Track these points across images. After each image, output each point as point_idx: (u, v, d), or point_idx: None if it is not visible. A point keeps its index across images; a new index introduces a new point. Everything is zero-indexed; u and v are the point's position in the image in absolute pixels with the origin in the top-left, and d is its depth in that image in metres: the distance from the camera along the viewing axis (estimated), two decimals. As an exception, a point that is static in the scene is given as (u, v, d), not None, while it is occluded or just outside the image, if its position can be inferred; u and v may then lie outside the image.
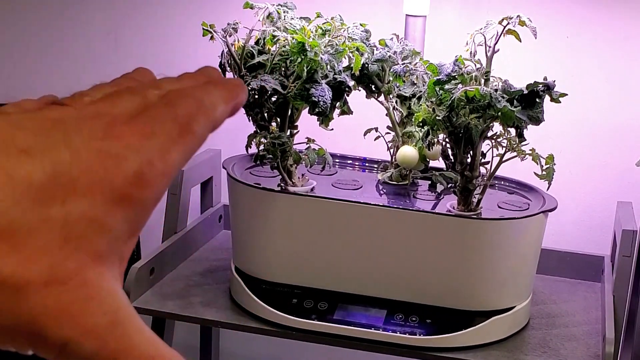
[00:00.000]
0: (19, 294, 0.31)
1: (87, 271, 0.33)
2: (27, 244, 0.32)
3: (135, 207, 0.34)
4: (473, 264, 1.09)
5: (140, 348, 0.33)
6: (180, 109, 0.36)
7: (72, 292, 0.32)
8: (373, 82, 1.20)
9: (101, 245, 0.33)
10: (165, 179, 0.35)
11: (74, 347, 0.32)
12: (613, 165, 1.41)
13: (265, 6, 1.14)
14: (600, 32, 1.37)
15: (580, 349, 1.11)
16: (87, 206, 0.33)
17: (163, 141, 0.35)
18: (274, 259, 1.15)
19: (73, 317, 0.32)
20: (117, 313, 0.33)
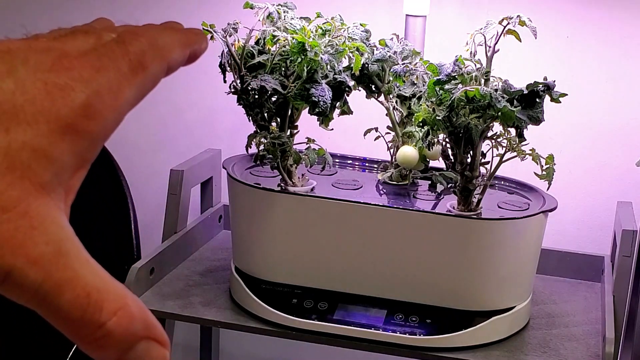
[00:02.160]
0: None
1: (30, 200, 0.32)
2: None
3: (82, 139, 0.34)
4: (473, 264, 1.09)
5: (86, 279, 0.33)
6: (133, 47, 0.35)
7: (15, 220, 0.32)
8: (373, 82, 1.20)
9: (45, 176, 0.33)
10: (115, 114, 0.35)
11: (17, 276, 0.32)
12: (613, 165, 1.41)
13: (265, 6, 1.14)
14: (600, 32, 1.37)
15: (580, 349, 1.11)
16: (31, 135, 0.32)
17: (113, 76, 0.34)
18: (274, 259, 1.15)
19: (16, 245, 0.32)
20: (61, 243, 0.33)
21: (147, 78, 0.36)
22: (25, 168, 0.32)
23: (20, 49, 0.34)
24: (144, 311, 0.34)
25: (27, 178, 0.32)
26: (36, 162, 0.33)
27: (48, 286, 0.32)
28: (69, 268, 0.32)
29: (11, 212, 0.32)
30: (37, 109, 0.33)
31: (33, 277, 0.32)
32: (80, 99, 0.33)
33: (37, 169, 0.33)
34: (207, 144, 1.45)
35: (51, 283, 0.32)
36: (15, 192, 0.32)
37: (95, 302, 0.32)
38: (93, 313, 0.32)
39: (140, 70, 0.35)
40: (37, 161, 0.33)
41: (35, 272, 0.32)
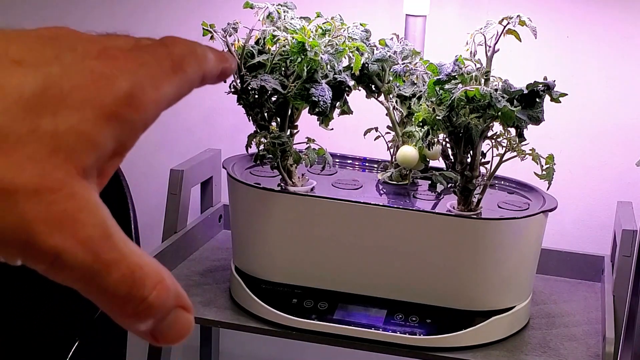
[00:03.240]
0: (9, 199, 0.32)
1: (74, 183, 0.33)
2: (15, 151, 0.32)
3: (124, 127, 0.35)
4: (473, 264, 1.09)
5: (129, 258, 0.34)
6: (174, 49, 0.37)
7: (63, 202, 0.33)
8: (373, 82, 1.20)
9: (88, 160, 0.34)
10: (155, 108, 0.36)
11: (67, 258, 0.32)
12: (613, 165, 1.41)
13: (265, 6, 1.14)
14: (600, 32, 1.37)
15: (580, 349, 1.11)
16: (77, 120, 0.33)
17: (155, 71, 0.36)
18: (274, 259, 1.15)
19: (66, 227, 0.32)
20: (106, 225, 0.34)
21: (185, 80, 0.37)
22: (70, 151, 0.33)
23: (67, 36, 0.35)
24: (175, 282, 0.35)
25: (71, 161, 0.33)
26: (80, 146, 0.33)
27: (97, 267, 0.33)
28: (115, 249, 0.33)
29: (58, 193, 0.33)
30: (83, 95, 0.34)
31: (82, 259, 0.33)
32: (124, 88, 0.34)
33: (80, 153, 0.33)
34: (207, 144, 1.45)
35: (100, 264, 0.33)
36: (60, 174, 0.33)
37: (139, 278, 0.34)
38: (137, 289, 0.34)
39: (180, 71, 0.37)
40: (81, 145, 0.33)
41: (84, 254, 0.33)
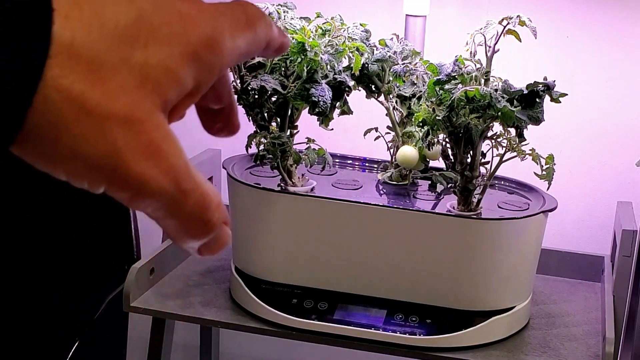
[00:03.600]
0: (103, 125, 0.33)
1: (159, 114, 0.35)
2: (109, 79, 0.33)
3: (202, 68, 0.37)
4: (473, 264, 1.09)
5: (201, 186, 0.36)
6: (248, 9, 0.40)
7: (150, 132, 0.34)
8: (373, 82, 1.20)
9: (171, 94, 0.36)
10: (229, 55, 0.38)
11: (151, 186, 0.34)
12: (613, 165, 1.41)
13: (265, 6, 1.14)
14: (600, 32, 1.37)
15: (580, 349, 1.11)
16: (164, 54, 0.35)
17: (233, 23, 0.38)
18: (274, 259, 1.15)
19: (152, 156, 0.34)
20: (184, 156, 0.36)
21: (255, 39, 0.40)
22: (157, 84, 0.35)
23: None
24: (222, 201, 0.38)
25: (157, 93, 0.35)
26: (166, 79, 0.35)
27: (177, 195, 0.35)
28: (191, 177, 0.36)
29: (145, 123, 0.34)
30: (171, 32, 0.35)
31: (165, 187, 0.35)
32: (207, 31, 0.37)
33: (165, 87, 0.35)
34: (207, 144, 1.45)
35: (180, 192, 0.35)
36: (148, 104, 0.34)
37: (208, 203, 0.37)
38: (205, 213, 0.37)
39: (252, 28, 0.40)
40: (166, 79, 0.35)
41: (167, 182, 0.35)
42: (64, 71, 0.32)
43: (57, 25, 0.32)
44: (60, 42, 0.32)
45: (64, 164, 0.34)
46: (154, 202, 0.35)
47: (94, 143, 0.33)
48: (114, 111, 0.33)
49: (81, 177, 0.34)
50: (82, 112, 0.33)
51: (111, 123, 0.33)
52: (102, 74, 0.33)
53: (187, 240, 0.38)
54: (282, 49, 0.43)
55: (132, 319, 1.38)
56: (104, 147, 0.33)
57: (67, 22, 0.33)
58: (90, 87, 0.33)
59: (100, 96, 0.33)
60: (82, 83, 0.33)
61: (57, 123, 0.33)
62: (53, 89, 0.32)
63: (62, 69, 0.32)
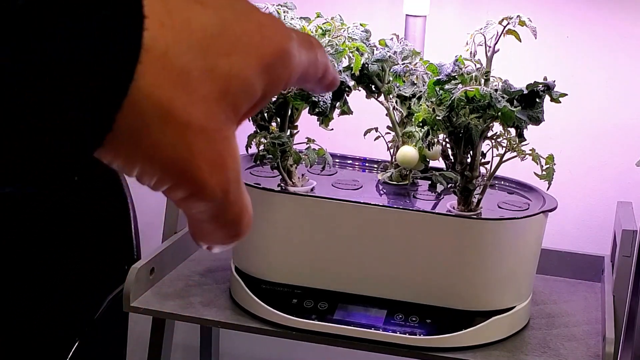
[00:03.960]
0: (182, 132, 0.34)
1: (230, 127, 0.36)
2: (195, 89, 0.34)
3: (273, 80, 0.37)
4: (473, 264, 1.09)
5: (242, 200, 0.38)
6: (311, 36, 0.42)
7: (219, 143, 0.35)
8: (373, 82, 1.20)
9: (244, 107, 0.36)
10: (296, 71, 0.39)
11: (207, 193, 0.36)
12: (613, 165, 1.41)
13: (265, 6, 1.14)
14: (600, 32, 1.37)
15: (580, 349, 1.11)
16: (244, 65, 0.36)
17: (300, 40, 0.39)
18: (274, 259, 1.15)
19: (217, 166, 0.35)
20: (240, 170, 0.38)
21: (315, 62, 0.41)
22: (234, 95, 0.36)
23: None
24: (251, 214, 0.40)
25: (233, 106, 0.36)
26: (242, 91, 0.36)
27: (224, 204, 0.37)
28: (239, 192, 0.38)
29: (217, 134, 0.35)
30: (250, 42, 0.36)
31: (217, 196, 0.36)
32: (282, 43, 0.38)
33: (241, 99, 0.36)
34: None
35: (226, 202, 0.37)
36: (223, 116, 0.35)
37: (242, 217, 0.38)
38: (239, 225, 0.38)
39: (315, 51, 0.41)
40: (243, 91, 0.36)
41: (220, 192, 0.36)
42: (157, 80, 0.33)
43: (152, 32, 0.33)
44: (155, 50, 0.33)
45: (140, 165, 0.35)
46: (203, 205, 0.37)
47: (171, 149, 0.34)
48: (193, 120, 0.34)
49: (151, 177, 0.35)
50: (167, 119, 0.34)
51: (189, 131, 0.34)
52: (189, 82, 0.34)
53: (209, 243, 0.39)
54: (333, 84, 0.44)
55: (132, 319, 1.38)
56: (179, 152, 0.34)
57: (162, 30, 0.33)
58: (178, 96, 0.34)
59: (184, 105, 0.34)
60: (172, 91, 0.34)
61: (142, 128, 0.34)
62: (144, 95, 0.33)
63: (156, 78, 0.33)
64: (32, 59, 0.30)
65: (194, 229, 0.39)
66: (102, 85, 0.32)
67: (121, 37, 0.32)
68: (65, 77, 0.31)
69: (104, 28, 0.32)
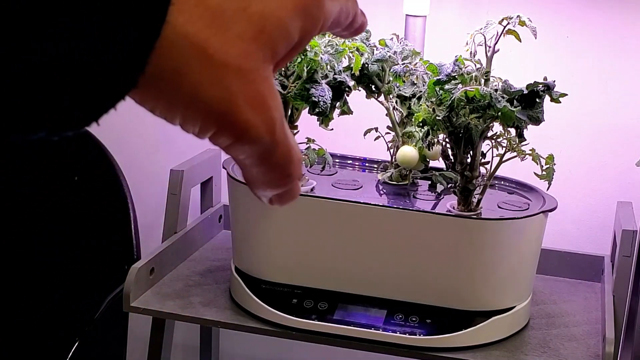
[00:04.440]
0: (220, 71, 0.34)
1: (268, 66, 0.36)
2: (230, 27, 0.34)
3: (308, 22, 0.38)
4: (473, 264, 1.09)
5: (289, 139, 0.38)
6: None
7: (259, 83, 0.35)
8: (373, 82, 1.20)
9: (281, 47, 0.36)
10: (329, 14, 0.39)
11: (253, 133, 0.36)
12: (613, 165, 1.41)
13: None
14: (600, 32, 1.37)
15: (580, 349, 1.11)
16: (278, 5, 0.36)
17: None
18: (274, 259, 1.15)
19: (259, 106, 0.35)
20: (282, 109, 0.38)
21: (345, 7, 0.42)
22: (270, 35, 0.36)
23: None
24: (302, 157, 0.41)
25: (269, 45, 0.36)
26: (278, 32, 0.36)
27: (272, 145, 0.37)
28: (284, 131, 0.38)
29: (256, 74, 0.35)
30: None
31: (263, 136, 0.36)
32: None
33: (277, 39, 0.36)
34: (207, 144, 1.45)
35: (274, 142, 0.37)
36: (260, 55, 0.35)
37: (292, 157, 0.39)
38: (289, 165, 0.39)
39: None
40: (279, 31, 0.36)
41: (266, 133, 0.36)
42: (192, 17, 0.33)
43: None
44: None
45: (182, 108, 0.35)
46: (250, 148, 0.37)
47: (211, 89, 0.34)
48: (230, 60, 0.34)
49: (194, 121, 0.35)
50: (204, 59, 0.34)
51: (227, 70, 0.34)
52: (223, 21, 0.34)
53: (265, 189, 0.40)
54: (362, 28, 0.46)
55: (132, 319, 1.38)
56: (219, 93, 0.35)
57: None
58: (214, 34, 0.34)
59: (221, 44, 0.34)
60: (207, 30, 0.34)
61: (180, 68, 0.34)
62: (181, 34, 0.33)
63: (191, 15, 0.33)
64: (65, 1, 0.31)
65: (248, 178, 0.39)
66: (135, 26, 0.32)
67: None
68: (97, 16, 0.31)
69: None
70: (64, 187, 1.43)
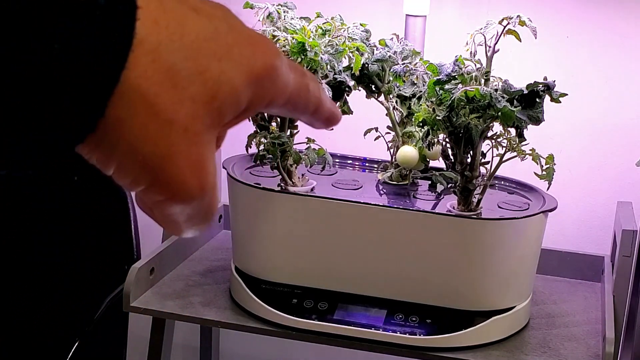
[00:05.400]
0: (166, 128, 0.34)
1: (213, 132, 0.36)
2: (183, 88, 0.35)
3: (258, 94, 0.38)
4: (473, 264, 1.09)
5: (216, 191, 0.38)
6: (307, 71, 0.43)
7: (202, 146, 0.36)
8: (373, 82, 1.20)
9: (229, 115, 0.37)
10: (282, 90, 0.40)
11: (186, 195, 0.36)
12: (613, 165, 1.41)
13: (265, 6, 1.14)
14: (600, 32, 1.37)
15: (580, 349, 1.11)
16: (234, 73, 0.36)
17: (290, 65, 0.40)
18: (274, 259, 1.15)
19: (197, 168, 0.36)
20: (215, 174, 0.38)
21: (305, 88, 0.42)
22: (221, 102, 0.36)
23: (233, 11, 0.39)
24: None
25: (219, 111, 0.36)
26: (230, 100, 0.36)
27: (201, 203, 0.37)
28: (215, 191, 0.38)
29: (200, 137, 0.36)
30: (242, 53, 0.37)
31: (196, 199, 0.37)
32: (272, 60, 0.38)
33: (227, 107, 0.36)
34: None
35: (204, 202, 0.37)
36: (208, 120, 0.36)
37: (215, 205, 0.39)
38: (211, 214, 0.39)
39: (306, 77, 0.42)
40: (230, 99, 0.36)
41: (199, 196, 0.37)
42: (147, 72, 0.34)
43: (145, 26, 0.33)
44: (147, 43, 0.33)
45: (118, 160, 0.35)
46: (177, 209, 0.37)
47: (152, 144, 0.34)
48: (178, 118, 0.34)
49: (128, 174, 0.36)
50: (151, 113, 0.34)
51: (172, 128, 0.34)
52: (178, 81, 0.34)
53: (184, 231, 0.40)
54: (331, 120, 0.45)
55: (132, 319, 1.38)
56: (160, 149, 0.35)
57: (155, 26, 0.34)
58: (165, 91, 0.34)
59: (171, 102, 0.34)
60: (159, 87, 0.34)
61: (125, 120, 0.34)
62: (133, 87, 0.33)
63: (146, 70, 0.34)
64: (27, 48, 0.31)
65: (167, 227, 0.39)
66: (95, 72, 0.32)
67: (114, 24, 0.32)
68: (58, 64, 0.31)
69: (98, 17, 0.32)
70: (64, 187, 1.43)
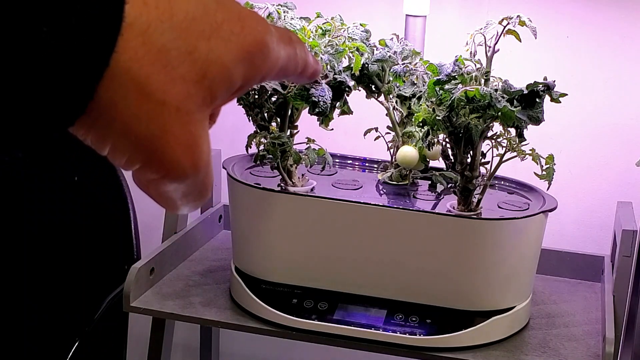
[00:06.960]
0: (157, 109, 0.35)
1: (205, 110, 0.37)
2: (174, 68, 0.35)
3: (251, 70, 0.38)
4: (473, 264, 1.09)
5: (210, 170, 0.38)
6: (291, 32, 0.43)
7: (194, 125, 0.36)
8: (373, 82, 1.20)
9: (220, 93, 0.37)
10: (274, 63, 0.40)
11: (179, 174, 0.37)
12: (613, 165, 1.41)
13: (265, 6, 1.14)
14: (600, 32, 1.37)
15: (580, 349, 1.11)
16: (223, 51, 0.36)
17: (280, 35, 0.40)
18: (274, 259, 1.15)
19: (190, 147, 0.36)
20: (210, 153, 0.38)
21: (294, 57, 0.42)
22: (212, 80, 0.36)
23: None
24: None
25: (210, 90, 0.36)
26: (220, 78, 0.37)
27: (195, 181, 0.38)
28: (209, 169, 0.38)
29: (192, 116, 0.36)
30: (231, 30, 0.37)
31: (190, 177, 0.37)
32: (262, 35, 0.39)
33: (218, 85, 0.37)
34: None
35: (198, 179, 0.38)
36: (199, 99, 0.36)
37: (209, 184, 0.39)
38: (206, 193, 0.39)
39: (294, 46, 0.42)
40: (221, 77, 0.37)
41: (192, 174, 0.37)
42: (137, 54, 0.34)
43: (135, 9, 0.34)
44: (136, 26, 0.34)
45: (113, 140, 0.35)
46: (172, 187, 0.37)
47: (144, 125, 0.35)
48: (169, 98, 0.35)
49: (123, 154, 0.36)
50: (143, 95, 0.34)
51: (164, 108, 0.35)
52: (168, 62, 0.35)
53: (180, 208, 0.40)
54: (315, 74, 0.46)
55: (132, 319, 1.38)
56: (152, 130, 0.35)
57: (144, 8, 0.34)
58: (156, 72, 0.34)
59: (162, 82, 0.35)
60: (150, 68, 0.34)
61: (117, 101, 0.34)
62: (124, 69, 0.34)
63: (136, 53, 0.34)
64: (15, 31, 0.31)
65: (163, 204, 0.40)
66: (85, 55, 0.32)
67: (103, 8, 0.33)
68: (46, 47, 0.32)
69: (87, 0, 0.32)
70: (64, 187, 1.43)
